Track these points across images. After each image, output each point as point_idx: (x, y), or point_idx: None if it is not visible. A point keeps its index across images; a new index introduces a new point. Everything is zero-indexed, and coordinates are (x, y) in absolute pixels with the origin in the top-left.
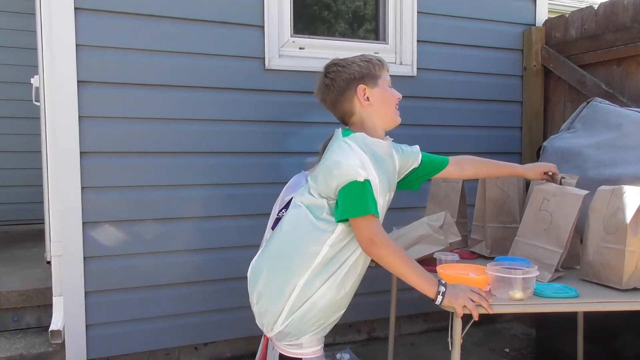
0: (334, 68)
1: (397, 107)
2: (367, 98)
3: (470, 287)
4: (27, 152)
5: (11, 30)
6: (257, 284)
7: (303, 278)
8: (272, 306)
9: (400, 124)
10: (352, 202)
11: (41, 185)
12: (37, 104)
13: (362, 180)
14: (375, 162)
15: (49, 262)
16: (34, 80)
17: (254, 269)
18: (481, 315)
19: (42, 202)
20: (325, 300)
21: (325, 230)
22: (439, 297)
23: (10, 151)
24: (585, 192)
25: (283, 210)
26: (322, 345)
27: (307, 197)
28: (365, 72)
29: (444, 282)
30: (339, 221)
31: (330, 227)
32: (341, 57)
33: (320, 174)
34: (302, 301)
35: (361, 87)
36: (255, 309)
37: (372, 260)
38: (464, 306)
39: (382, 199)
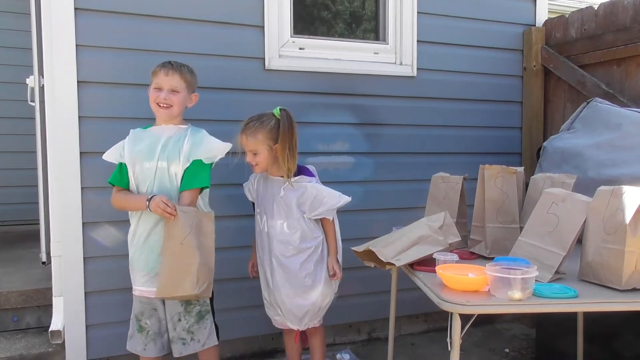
0: None
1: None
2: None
3: (164, 200)
4: (28, 152)
5: (10, 30)
6: None
7: None
8: None
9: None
10: None
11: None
12: (33, 104)
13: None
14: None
15: (43, 263)
16: (29, 81)
17: None
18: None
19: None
20: None
21: None
22: (146, 203)
23: (11, 151)
24: (591, 199)
25: None
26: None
27: None
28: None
29: (149, 197)
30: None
31: None
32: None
33: None
34: None
35: None
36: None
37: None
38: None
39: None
